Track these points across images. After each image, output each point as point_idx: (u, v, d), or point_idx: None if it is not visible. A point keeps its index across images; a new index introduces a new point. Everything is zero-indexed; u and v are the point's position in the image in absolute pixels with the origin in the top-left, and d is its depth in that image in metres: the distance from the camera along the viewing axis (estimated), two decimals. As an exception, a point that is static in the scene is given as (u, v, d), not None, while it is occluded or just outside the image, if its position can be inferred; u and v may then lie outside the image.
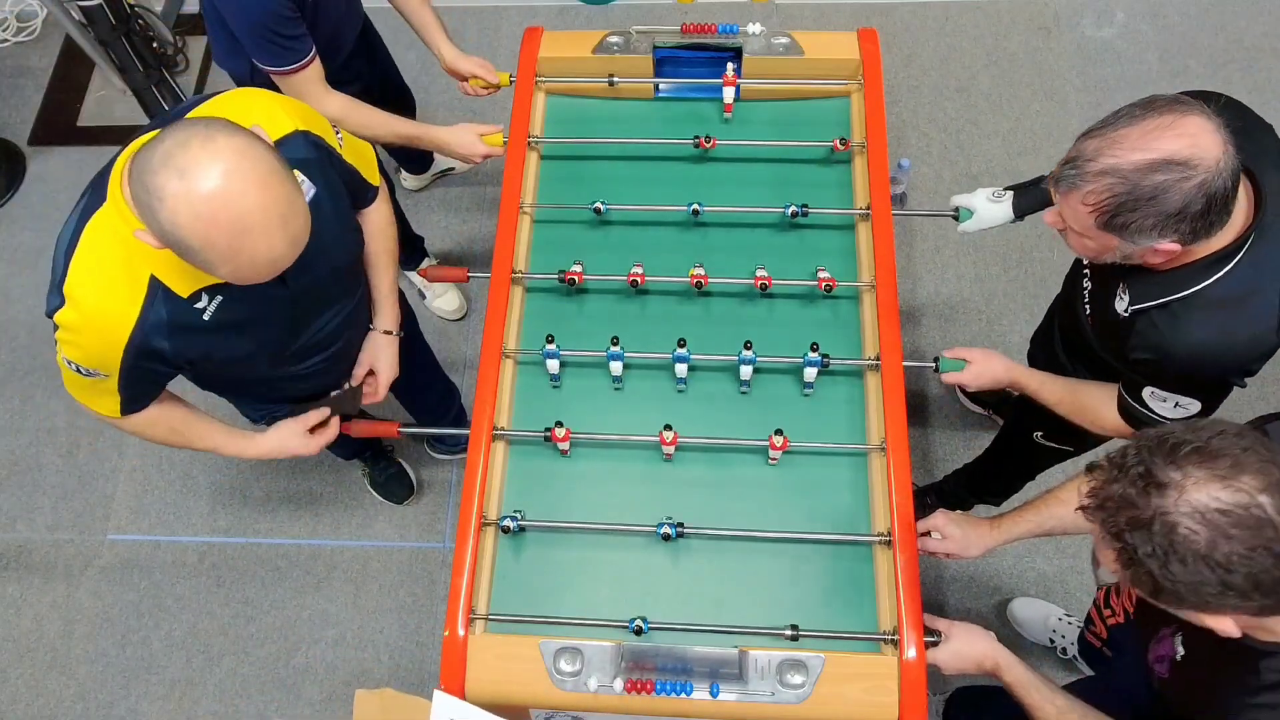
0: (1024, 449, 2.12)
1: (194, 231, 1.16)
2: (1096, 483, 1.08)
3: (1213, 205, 1.25)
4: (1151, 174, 1.24)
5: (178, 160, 1.14)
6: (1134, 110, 1.29)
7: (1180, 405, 1.50)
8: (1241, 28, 3.29)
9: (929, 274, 2.92)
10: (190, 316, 1.36)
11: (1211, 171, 1.23)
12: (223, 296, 1.37)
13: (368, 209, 1.71)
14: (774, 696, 1.51)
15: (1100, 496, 1.06)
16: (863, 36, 2.10)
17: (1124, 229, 1.30)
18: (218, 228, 1.15)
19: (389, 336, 1.83)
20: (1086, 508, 1.08)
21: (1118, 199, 1.27)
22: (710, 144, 1.99)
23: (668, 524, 1.63)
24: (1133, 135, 1.26)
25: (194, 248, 1.17)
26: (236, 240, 1.17)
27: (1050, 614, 2.40)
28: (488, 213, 3.08)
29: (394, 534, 2.66)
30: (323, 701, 2.47)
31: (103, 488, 2.76)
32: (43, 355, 2.94)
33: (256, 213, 1.17)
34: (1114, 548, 1.05)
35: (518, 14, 3.43)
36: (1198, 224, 1.27)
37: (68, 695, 2.51)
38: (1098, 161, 1.28)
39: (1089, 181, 1.29)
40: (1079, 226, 1.36)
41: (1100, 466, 1.09)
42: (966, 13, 3.38)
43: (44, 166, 3.27)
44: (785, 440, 1.67)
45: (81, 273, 1.30)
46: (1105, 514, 1.05)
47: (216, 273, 1.23)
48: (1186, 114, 1.25)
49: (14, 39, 3.51)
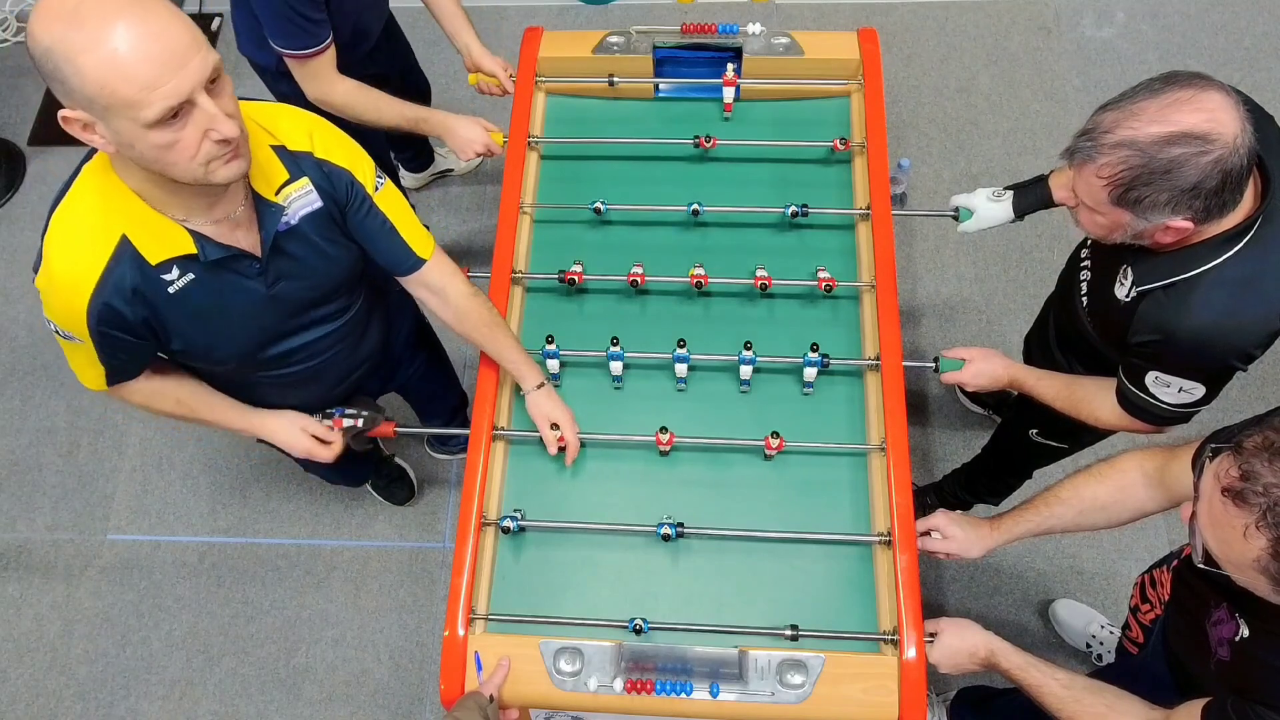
0: (1020, 448, 2.12)
1: (43, 29, 1.06)
2: (1249, 467, 1.03)
3: (1227, 182, 1.24)
4: (1168, 147, 1.23)
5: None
6: (1154, 84, 1.27)
7: (1184, 390, 1.48)
8: (1241, 28, 3.30)
9: (929, 274, 2.92)
10: (155, 286, 1.31)
11: (1229, 148, 1.22)
12: (193, 275, 1.33)
13: (419, 276, 1.60)
14: (774, 696, 1.51)
15: (1261, 483, 1.02)
16: (863, 36, 2.10)
17: (1137, 204, 1.28)
18: (59, 6, 1.06)
19: (539, 390, 1.73)
20: (1237, 493, 1.03)
21: (1133, 172, 1.26)
22: (710, 144, 1.99)
23: (668, 524, 1.63)
24: (1151, 108, 1.25)
25: (49, 48, 1.06)
26: (77, 14, 1.05)
27: (1093, 620, 2.38)
28: (488, 213, 3.08)
29: (394, 534, 2.66)
30: (323, 701, 2.47)
31: (103, 488, 2.76)
32: (43, 355, 2.94)
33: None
34: (1272, 536, 1.01)
35: (518, 14, 3.43)
36: (1211, 201, 1.26)
37: (68, 695, 2.51)
38: (1114, 133, 1.27)
39: (1104, 153, 1.28)
40: (1091, 201, 1.35)
41: (1250, 449, 1.04)
42: (966, 13, 3.38)
43: (44, 166, 3.27)
44: (781, 441, 1.67)
45: (57, 227, 1.27)
46: (1269, 500, 1.01)
47: (89, 78, 1.07)
48: (1206, 89, 1.24)
49: (14, 39, 3.52)
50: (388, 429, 1.83)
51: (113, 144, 1.15)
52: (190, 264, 1.32)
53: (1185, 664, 1.44)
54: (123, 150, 1.16)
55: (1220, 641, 1.29)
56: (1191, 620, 1.38)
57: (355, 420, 1.77)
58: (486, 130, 2.06)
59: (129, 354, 1.41)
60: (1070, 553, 2.54)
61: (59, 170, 3.23)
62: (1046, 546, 2.55)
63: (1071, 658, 2.41)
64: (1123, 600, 1.79)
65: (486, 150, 2.06)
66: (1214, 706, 1.23)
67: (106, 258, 1.26)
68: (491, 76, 2.17)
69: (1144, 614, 1.71)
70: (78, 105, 1.11)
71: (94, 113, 1.11)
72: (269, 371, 1.59)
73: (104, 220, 1.26)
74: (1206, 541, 1.12)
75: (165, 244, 1.29)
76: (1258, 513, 1.02)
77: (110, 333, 1.33)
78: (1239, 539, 1.04)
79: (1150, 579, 1.70)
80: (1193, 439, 1.40)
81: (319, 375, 1.67)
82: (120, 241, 1.26)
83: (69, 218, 1.27)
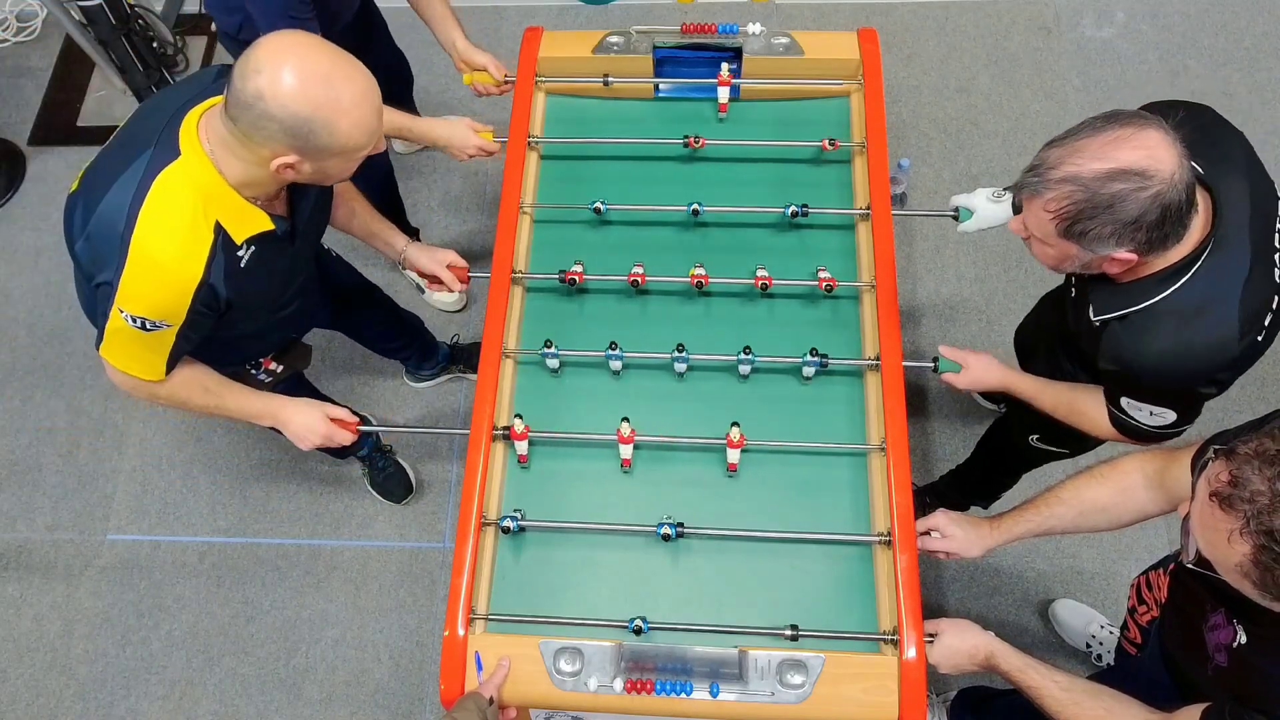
0: (1018, 452, 2.12)
1: (301, 101, 1.29)
2: (1239, 473, 1.03)
3: (1167, 216, 1.29)
4: (1110, 183, 1.28)
5: (253, 64, 1.29)
6: (1096, 122, 1.33)
7: (1155, 414, 1.52)
8: (1241, 28, 3.29)
9: (929, 274, 2.92)
10: (235, 263, 1.48)
11: (1167, 183, 1.27)
12: (255, 247, 1.50)
13: None
14: (774, 696, 1.51)
15: (1250, 490, 1.02)
16: (863, 36, 2.10)
17: (1082, 236, 1.33)
18: (312, 83, 1.29)
19: (412, 246, 1.98)
20: (1225, 498, 1.04)
21: (1077, 206, 1.30)
22: (700, 143, 1.99)
23: (668, 524, 1.63)
24: (1093, 145, 1.30)
25: (310, 117, 1.30)
26: (333, 90, 1.30)
27: (1093, 620, 2.38)
28: (488, 213, 3.08)
29: (394, 534, 2.66)
30: (323, 701, 2.47)
31: (102, 488, 2.76)
32: (43, 355, 2.95)
33: (332, 58, 1.32)
34: (1255, 544, 1.02)
35: (518, 14, 3.43)
36: (1153, 234, 1.31)
37: (68, 695, 2.51)
38: (1059, 169, 1.32)
39: (1050, 188, 1.32)
40: (1040, 233, 1.39)
41: (1243, 454, 1.05)
42: (966, 13, 3.38)
43: (44, 166, 3.27)
44: (743, 437, 1.67)
45: (154, 226, 1.38)
46: (1255, 508, 1.01)
47: (338, 139, 1.34)
48: (1145, 128, 1.29)
49: (14, 39, 3.51)
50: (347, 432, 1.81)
51: (305, 174, 1.40)
52: (256, 239, 1.49)
53: (1181, 667, 1.44)
54: (311, 175, 1.41)
55: (1218, 647, 1.29)
56: (1188, 623, 1.38)
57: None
58: (474, 130, 2.05)
59: (199, 333, 1.53)
60: (1070, 553, 2.54)
61: (59, 170, 3.24)
62: (1046, 546, 2.55)
63: (1071, 658, 2.41)
64: (1123, 600, 1.79)
65: (480, 151, 2.05)
66: (1213, 711, 1.23)
67: (209, 244, 1.42)
68: (482, 71, 2.17)
69: (1141, 615, 1.71)
70: (300, 152, 1.35)
71: (311, 156, 1.36)
72: (279, 313, 1.76)
73: (201, 211, 1.41)
74: (1197, 541, 1.12)
75: (248, 225, 1.47)
76: (1243, 519, 1.02)
77: (202, 312, 1.47)
78: (1224, 543, 1.05)
79: (1146, 581, 1.70)
80: (1193, 441, 1.40)
81: (301, 311, 1.87)
82: (215, 228, 1.43)
83: (165, 216, 1.39)
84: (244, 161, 1.39)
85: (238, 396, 1.71)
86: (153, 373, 1.55)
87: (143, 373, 1.54)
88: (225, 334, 1.62)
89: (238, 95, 1.31)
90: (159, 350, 1.51)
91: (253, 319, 1.65)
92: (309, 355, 2.05)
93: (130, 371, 1.54)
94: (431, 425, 2.79)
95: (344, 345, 2.72)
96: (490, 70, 2.15)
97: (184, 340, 1.51)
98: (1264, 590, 1.05)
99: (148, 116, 1.48)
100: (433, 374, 2.78)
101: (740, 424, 1.69)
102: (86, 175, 1.51)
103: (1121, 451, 1.56)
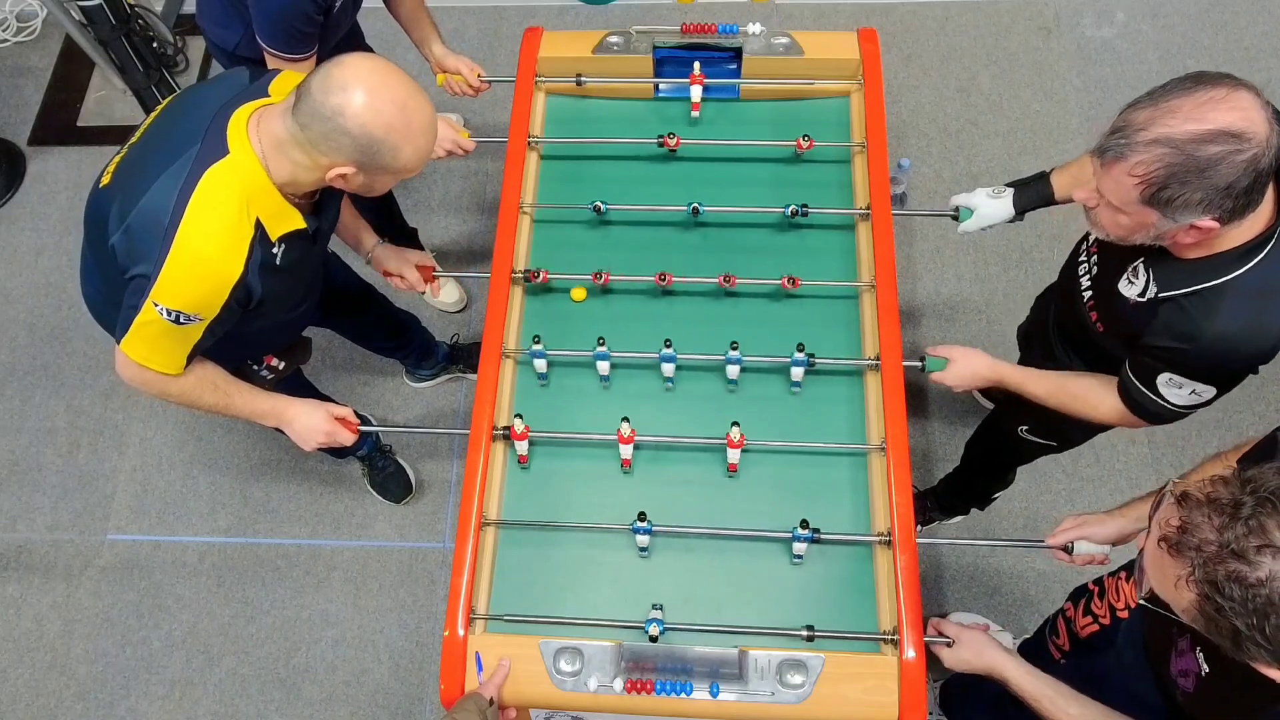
0: (1006, 445, 2.11)
1: (377, 123, 1.35)
2: (1189, 519, 1.02)
3: (1257, 182, 1.24)
4: (1206, 145, 1.22)
5: (337, 81, 1.35)
6: (1184, 83, 1.27)
7: (1196, 392, 1.48)
8: (1241, 28, 3.29)
9: (929, 274, 2.92)
10: (270, 259, 1.51)
11: (1262, 147, 1.22)
12: (286, 245, 1.53)
13: None
14: (774, 696, 1.51)
15: (1198, 538, 1.01)
16: (863, 36, 2.10)
17: (1169, 203, 1.27)
18: (390, 108, 1.36)
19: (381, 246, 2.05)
20: (1174, 543, 1.02)
21: (1169, 169, 1.25)
22: (675, 143, 1.98)
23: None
24: (1186, 106, 1.24)
25: (382, 139, 1.37)
26: (407, 116, 1.37)
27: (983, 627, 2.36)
28: (488, 213, 3.08)
29: (394, 534, 2.66)
30: (323, 701, 2.47)
31: (103, 488, 2.76)
32: (43, 355, 2.95)
33: (408, 87, 1.39)
34: (1200, 592, 1.00)
35: (518, 14, 3.43)
36: (1240, 201, 1.26)
37: (68, 695, 2.51)
38: (1149, 130, 1.25)
39: (1139, 151, 1.26)
40: (1118, 200, 1.34)
41: (1194, 500, 1.03)
42: (966, 13, 3.38)
43: (44, 166, 3.27)
44: (743, 437, 1.67)
45: (201, 217, 1.41)
46: (1202, 557, 1.00)
47: (400, 161, 1.41)
48: (1237, 88, 1.24)
49: (14, 39, 3.51)
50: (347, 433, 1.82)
51: (354, 185, 1.46)
52: (287, 237, 1.53)
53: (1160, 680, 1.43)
54: (358, 186, 1.47)
55: (1182, 673, 1.28)
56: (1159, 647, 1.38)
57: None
58: (452, 128, 2.02)
59: (224, 328, 1.55)
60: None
61: (59, 170, 3.23)
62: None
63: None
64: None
65: (454, 146, 2.02)
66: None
67: (249, 240, 1.46)
68: (457, 74, 2.18)
69: (1084, 626, 1.69)
70: (360, 166, 1.41)
71: (368, 171, 1.43)
72: (294, 312, 1.79)
73: (244, 209, 1.45)
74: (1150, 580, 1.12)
75: (285, 222, 1.51)
76: (1189, 567, 1.01)
77: (233, 308, 1.50)
78: (1172, 587, 1.04)
79: (1101, 589, 1.68)
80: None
81: (310, 309, 1.91)
82: (255, 224, 1.46)
83: (212, 212, 1.42)
84: (297, 165, 1.43)
85: (245, 395, 1.72)
86: (173, 366, 1.55)
87: (163, 366, 1.55)
88: (240, 329, 1.63)
89: (316, 107, 1.35)
90: (184, 343, 1.52)
91: (270, 315, 1.66)
92: (309, 351, 2.07)
93: (150, 365, 1.54)
94: (431, 425, 2.79)
95: (344, 345, 2.72)
96: (466, 76, 2.16)
97: (209, 335, 1.53)
98: (1211, 635, 1.04)
99: (185, 114, 1.51)
100: (432, 374, 2.78)
101: (740, 424, 1.68)
102: (120, 170, 1.52)
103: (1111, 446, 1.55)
